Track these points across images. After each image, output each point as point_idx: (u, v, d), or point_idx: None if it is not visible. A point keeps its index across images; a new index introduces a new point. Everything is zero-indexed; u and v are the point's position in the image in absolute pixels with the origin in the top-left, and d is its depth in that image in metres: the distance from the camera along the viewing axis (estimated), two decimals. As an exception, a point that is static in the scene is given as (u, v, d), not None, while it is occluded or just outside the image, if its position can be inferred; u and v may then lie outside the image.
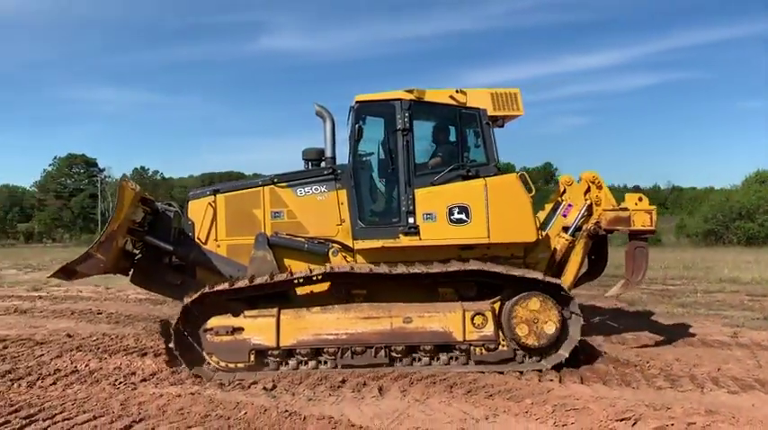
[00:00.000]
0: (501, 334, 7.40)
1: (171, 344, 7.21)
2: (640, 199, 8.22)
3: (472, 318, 7.34)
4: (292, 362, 7.33)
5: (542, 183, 78.99)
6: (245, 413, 5.65)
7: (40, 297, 14.97)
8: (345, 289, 7.72)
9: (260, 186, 8.21)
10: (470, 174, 7.85)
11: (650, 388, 6.54)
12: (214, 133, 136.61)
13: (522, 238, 7.86)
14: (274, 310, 7.37)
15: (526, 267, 7.98)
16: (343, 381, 6.70)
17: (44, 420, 5.43)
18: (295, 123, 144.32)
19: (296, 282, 7.49)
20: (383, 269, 7.43)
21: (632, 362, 7.61)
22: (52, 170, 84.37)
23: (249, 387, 6.59)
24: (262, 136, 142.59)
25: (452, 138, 8.20)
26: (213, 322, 7.30)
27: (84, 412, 5.66)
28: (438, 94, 8.02)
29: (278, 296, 7.57)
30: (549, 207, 8.71)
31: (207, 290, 7.18)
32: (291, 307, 7.52)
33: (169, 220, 8.27)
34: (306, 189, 8.14)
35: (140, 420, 5.45)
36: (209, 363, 7.28)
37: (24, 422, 5.37)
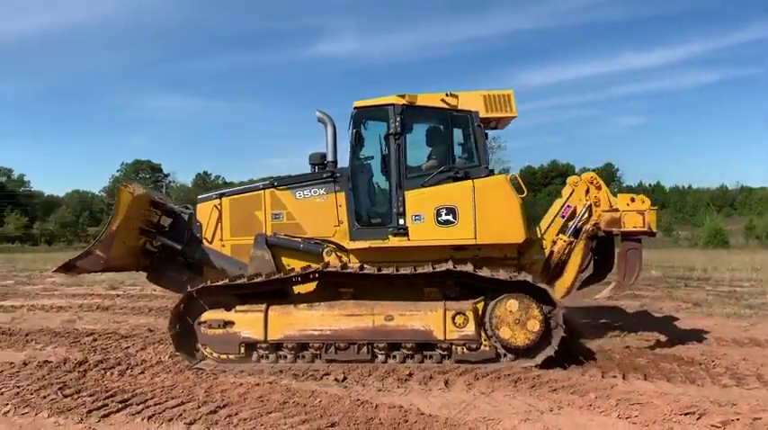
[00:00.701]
0: (483, 334, 7.46)
1: (173, 330, 7.65)
2: (632, 199, 8.03)
3: (453, 318, 7.42)
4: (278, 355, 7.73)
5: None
6: (320, 401, 6.00)
7: (118, 295, 15.85)
8: (333, 287, 7.93)
9: (261, 190, 8.68)
10: (460, 175, 7.93)
11: (715, 385, 6.58)
12: (273, 137, 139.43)
13: (509, 239, 7.89)
14: (263, 306, 7.74)
15: (521, 269, 8.07)
16: (410, 375, 6.98)
17: (137, 404, 5.92)
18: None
19: (291, 279, 7.84)
20: (353, 269, 7.69)
21: (697, 361, 7.63)
22: (120, 175, 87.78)
23: (321, 378, 6.94)
24: (320, 138, 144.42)
25: (445, 140, 8.30)
26: (207, 315, 7.75)
27: (173, 398, 6.12)
28: (430, 98, 8.17)
29: (274, 293, 7.94)
30: (556, 207, 8.58)
31: (200, 286, 7.70)
32: (280, 303, 7.85)
33: (183, 222, 8.87)
34: (305, 192, 8.52)
35: (224, 406, 5.86)
36: (202, 353, 7.78)
37: (120, 406, 5.87)
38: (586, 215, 8.26)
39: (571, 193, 8.51)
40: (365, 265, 7.85)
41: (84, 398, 6.13)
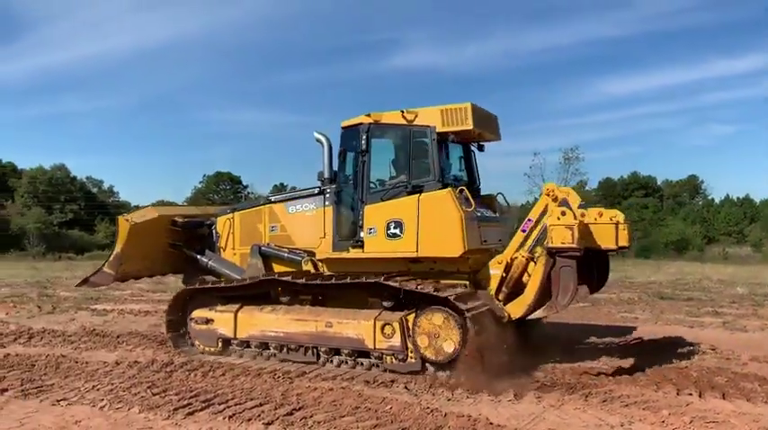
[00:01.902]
0: (410, 345, 7.61)
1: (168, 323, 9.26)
2: (563, 213, 7.39)
3: (382, 328, 7.72)
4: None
5: (687, 197, 74.48)
6: (391, 407, 6.18)
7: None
8: (295, 293, 8.65)
9: (262, 205, 9.67)
10: (410, 190, 8.11)
11: (800, 407, 6.33)
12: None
13: (447, 253, 7.88)
14: (235, 307, 8.84)
15: (476, 284, 8.14)
16: (479, 386, 7.04)
17: (219, 404, 6.28)
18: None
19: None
20: (272, 276, 8.66)
21: (781, 382, 7.34)
22: (202, 187, 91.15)
23: (392, 385, 7.12)
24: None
25: (404, 155, 8.50)
26: (195, 313, 9.08)
27: (251, 399, 6.45)
28: (393, 116, 8.42)
29: (258, 295, 8.91)
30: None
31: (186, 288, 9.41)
32: (251, 305, 8.82)
33: (201, 235, 10.23)
34: (297, 206, 9.25)
35: (299, 408, 6.13)
36: (193, 345, 9.13)
37: (203, 405, 6.25)
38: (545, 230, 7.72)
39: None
40: (305, 275, 8.58)
41: (171, 396, 6.54)
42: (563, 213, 7.38)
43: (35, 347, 9.59)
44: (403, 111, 8.34)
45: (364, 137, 8.41)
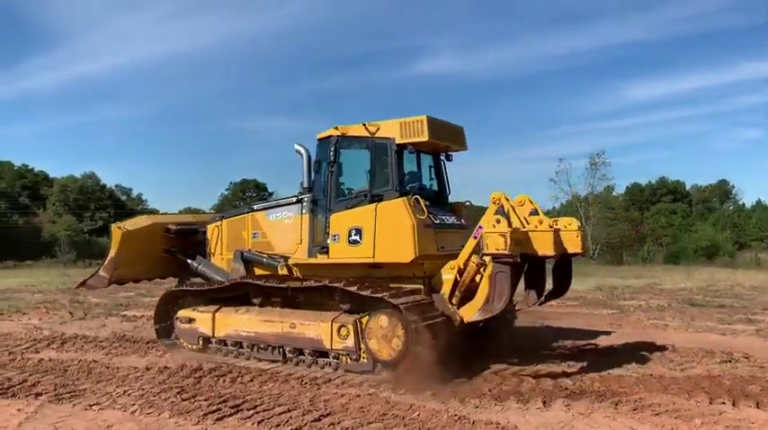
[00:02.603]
0: (362, 346, 8.00)
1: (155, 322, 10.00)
2: (498, 221, 7.49)
3: (338, 330, 8.16)
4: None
5: (717, 202, 73.20)
6: (419, 414, 6.18)
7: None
8: (263, 296, 9.17)
9: (246, 213, 10.27)
10: (370, 198, 8.51)
11: (838, 417, 6.18)
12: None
13: (399, 259, 8.18)
14: (213, 308, 9.48)
15: (431, 288, 8.39)
16: (508, 392, 7.01)
17: (248, 410, 6.33)
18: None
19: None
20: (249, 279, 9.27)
21: (818, 391, 7.18)
22: (228, 194, 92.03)
23: (418, 391, 7.11)
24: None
25: (367, 166, 8.86)
26: (180, 313, 9.75)
27: (279, 405, 6.49)
28: (358, 129, 8.84)
29: (237, 297, 9.44)
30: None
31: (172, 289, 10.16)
32: (228, 306, 9.43)
33: (197, 241, 10.92)
34: (277, 214, 9.77)
35: (327, 415, 6.16)
36: (180, 341, 9.77)
37: (232, 410, 6.31)
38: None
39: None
40: (262, 278, 9.21)
41: (200, 401, 6.62)
42: (498, 221, 7.53)
43: (68, 353, 9.76)
44: (365, 124, 8.78)
45: (332, 148, 8.89)
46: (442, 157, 9.70)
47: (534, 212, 8.04)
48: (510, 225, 7.49)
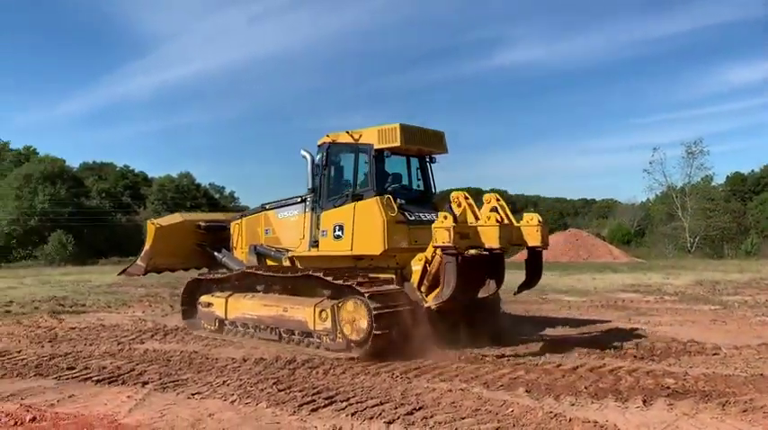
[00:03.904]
0: (338, 328, 8.95)
1: (181, 307, 11.83)
2: (445, 217, 8.30)
3: (320, 313, 9.25)
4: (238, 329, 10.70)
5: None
6: (512, 411, 6.06)
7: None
8: (265, 284, 10.47)
9: (260, 212, 11.55)
10: (351, 198, 9.52)
11: None
12: (454, 149, 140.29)
13: (371, 251, 9.26)
14: (227, 293, 10.88)
15: (403, 278, 9.37)
16: (604, 389, 6.78)
17: (341, 401, 6.42)
18: (529, 135, 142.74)
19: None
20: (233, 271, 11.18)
21: None
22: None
23: (512, 388, 6.99)
24: (498, 149, 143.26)
25: (353, 169, 9.96)
26: (202, 298, 11.32)
27: (372, 398, 6.55)
28: (345, 136, 9.95)
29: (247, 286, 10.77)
30: None
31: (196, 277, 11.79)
32: (239, 292, 10.76)
33: (225, 237, 12.37)
34: (284, 212, 10.91)
35: (419, 408, 6.15)
36: (201, 322, 11.24)
37: (326, 402, 6.41)
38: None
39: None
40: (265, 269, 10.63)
41: (295, 392, 6.77)
42: (445, 217, 8.34)
43: (170, 344, 10.26)
44: (349, 132, 9.90)
45: (325, 154, 10.09)
46: (427, 160, 10.66)
47: (494, 209, 8.80)
48: (456, 221, 8.35)
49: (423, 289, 8.95)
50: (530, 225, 8.87)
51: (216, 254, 12.15)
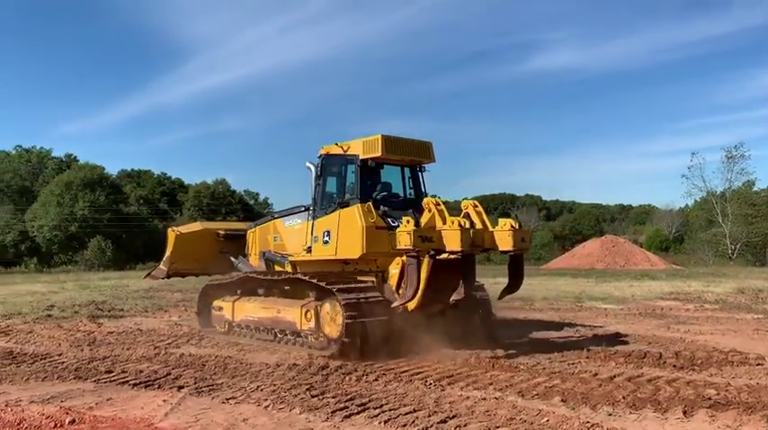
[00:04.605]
0: (320, 327, 9.50)
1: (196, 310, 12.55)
2: (408, 222, 8.63)
3: (306, 314, 9.75)
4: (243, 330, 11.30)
5: None
6: (548, 420, 5.96)
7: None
8: (265, 287, 11.20)
9: (270, 221, 12.19)
10: (338, 206, 10.05)
11: None
12: (491, 153, 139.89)
13: (351, 255, 9.84)
14: (234, 298, 11.51)
15: (384, 281, 9.90)
16: (642, 400, 6.63)
17: (374, 408, 6.38)
18: (564, 141, 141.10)
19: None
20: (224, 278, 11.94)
21: None
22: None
23: (547, 397, 6.88)
24: (534, 155, 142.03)
25: (342, 178, 10.58)
26: (214, 302, 11.99)
27: (405, 405, 6.50)
28: (336, 148, 10.56)
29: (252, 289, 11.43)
30: None
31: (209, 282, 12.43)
32: (245, 296, 11.37)
33: (241, 243, 12.91)
34: (290, 221, 11.46)
35: (453, 417, 6.08)
36: (214, 326, 11.86)
37: (359, 408, 6.38)
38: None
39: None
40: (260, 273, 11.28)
41: (329, 399, 6.77)
42: (408, 221, 8.67)
43: (205, 348, 10.37)
44: (338, 144, 10.54)
45: (320, 165, 10.71)
46: (418, 169, 11.17)
47: (467, 216, 9.28)
48: (417, 225, 8.67)
49: (400, 291, 9.36)
50: (502, 230, 9.18)
51: (233, 260, 12.70)
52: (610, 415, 6.21)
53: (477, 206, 9.44)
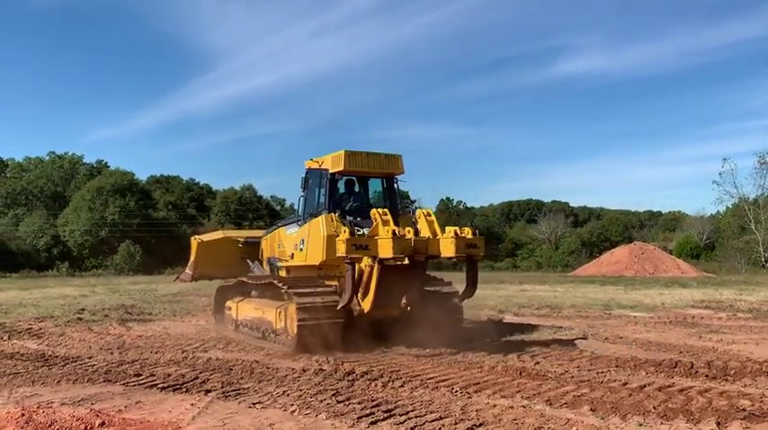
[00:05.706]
0: (288, 326, 10.27)
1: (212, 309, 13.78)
2: (344, 231, 9.45)
3: (279, 314, 10.56)
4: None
5: None
6: (576, 429, 5.87)
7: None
8: (259, 290, 12.00)
9: (276, 229, 12.97)
10: (312, 216, 11.02)
11: None
12: (516, 159, 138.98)
13: (314, 261, 10.87)
14: (238, 299, 12.44)
15: None
16: (673, 409, 6.49)
17: (400, 415, 6.35)
18: (592, 146, 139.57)
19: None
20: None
21: None
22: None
23: (576, 406, 6.78)
24: (560, 160, 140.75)
25: (317, 191, 11.36)
26: (226, 303, 12.85)
27: (431, 412, 6.46)
28: (313, 163, 11.52)
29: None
30: None
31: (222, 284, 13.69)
32: (247, 298, 12.27)
33: (258, 249, 13.76)
34: (290, 230, 12.12)
35: (480, 425, 6.03)
36: (228, 326, 12.62)
37: (385, 415, 6.36)
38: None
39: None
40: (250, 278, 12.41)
41: (354, 405, 6.76)
42: (344, 231, 9.47)
43: (231, 353, 10.44)
44: (313, 159, 11.53)
45: (303, 178, 11.68)
46: (394, 181, 11.85)
47: (413, 223, 10.05)
48: (352, 233, 9.42)
49: (359, 295, 9.98)
50: (446, 237, 9.67)
51: (250, 264, 13.66)
52: (640, 425, 6.10)
53: (429, 215, 10.06)
